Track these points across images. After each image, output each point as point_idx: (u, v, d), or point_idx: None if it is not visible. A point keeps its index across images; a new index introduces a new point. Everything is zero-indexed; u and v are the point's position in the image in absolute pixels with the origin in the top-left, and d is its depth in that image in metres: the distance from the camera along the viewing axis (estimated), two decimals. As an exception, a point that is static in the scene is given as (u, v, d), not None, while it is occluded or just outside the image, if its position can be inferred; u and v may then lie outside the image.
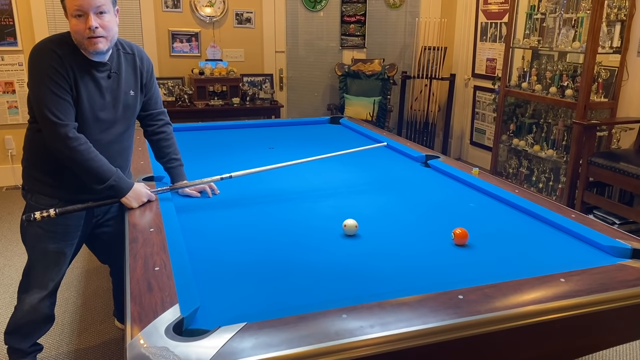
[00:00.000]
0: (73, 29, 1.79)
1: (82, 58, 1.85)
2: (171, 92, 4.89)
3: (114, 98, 1.94)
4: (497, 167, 4.83)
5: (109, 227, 2.18)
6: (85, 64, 1.86)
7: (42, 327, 2.15)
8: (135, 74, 2.03)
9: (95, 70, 1.88)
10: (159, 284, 1.39)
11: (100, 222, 2.15)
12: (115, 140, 1.99)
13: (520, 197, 2.14)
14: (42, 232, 1.97)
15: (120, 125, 1.99)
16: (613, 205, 3.64)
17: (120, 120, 1.98)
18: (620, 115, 3.94)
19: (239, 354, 1.11)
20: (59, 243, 2.00)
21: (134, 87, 2.02)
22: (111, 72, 1.93)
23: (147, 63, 2.08)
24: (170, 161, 2.18)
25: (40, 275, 2.03)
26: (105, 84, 1.91)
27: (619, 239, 1.72)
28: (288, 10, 5.28)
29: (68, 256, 2.07)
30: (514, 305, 1.32)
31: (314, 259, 1.67)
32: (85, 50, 1.83)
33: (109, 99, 1.93)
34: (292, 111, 5.54)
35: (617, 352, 2.49)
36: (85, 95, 1.85)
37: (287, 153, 2.98)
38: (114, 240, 2.18)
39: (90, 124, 1.89)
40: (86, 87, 1.85)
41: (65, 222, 1.97)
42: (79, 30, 1.78)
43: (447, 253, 1.71)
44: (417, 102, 5.61)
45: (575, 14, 3.99)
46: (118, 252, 2.20)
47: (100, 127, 1.92)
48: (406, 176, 2.57)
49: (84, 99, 1.85)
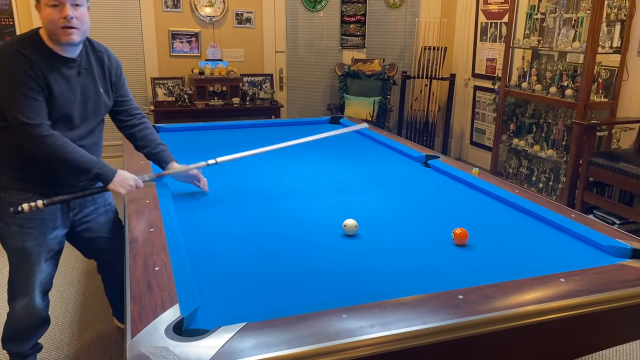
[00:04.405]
0: (47, 19, 1.78)
1: (50, 55, 1.83)
2: (171, 92, 4.89)
3: (84, 94, 1.94)
4: (497, 167, 4.83)
5: (87, 224, 2.14)
6: (54, 61, 1.84)
7: (38, 330, 2.14)
8: (104, 72, 2.03)
9: (65, 66, 1.87)
10: (159, 284, 1.39)
11: (79, 219, 2.11)
12: (85, 136, 1.98)
13: (520, 197, 2.14)
14: (20, 229, 1.93)
15: (91, 121, 1.99)
16: (613, 205, 3.64)
17: (90, 116, 1.98)
18: (620, 115, 3.94)
19: (239, 354, 1.11)
20: (38, 239, 1.97)
21: (104, 84, 2.02)
22: (81, 69, 1.93)
23: (115, 62, 2.10)
24: (157, 146, 2.20)
25: (24, 280, 2.00)
26: (75, 80, 1.91)
27: (619, 239, 1.72)
28: (288, 10, 5.28)
29: (49, 254, 2.03)
30: (514, 305, 1.32)
31: (314, 258, 1.67)
32: (57, 42, 1.82)
33: (79, 95, 1.92)
34: (292, 111, 5.54)
35: (617, 352, 2.49)
36: (56, 92, 1.84)
37: (286, 153, 2.98)
38: (95, 236, 2.17)
39: (62, 120, 1.88)
40: (57, 84, 1.84)
41: (41, 216, 1.94)
42: (54, 20, 1.77)
43: (447, 253, 1.71)
44: (417, 102, 5.61)
45: (575, 14, 3.99)
46: (101, 247, 2.22)
47: (71, 123, 1.92)
48: (406, 176, 2.57)
49: (56, 96, 1.84)
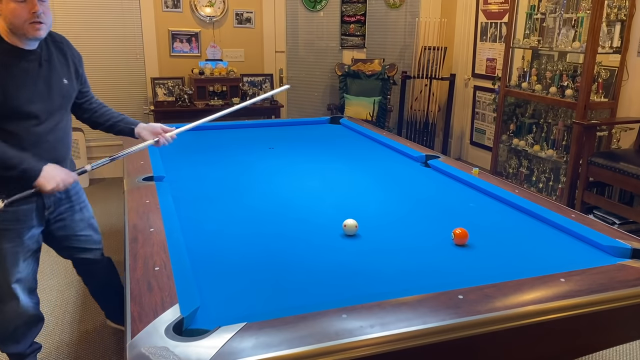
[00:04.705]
0: (13, 14, 1.76)
1: (7, 50, 1.81)
2: (171, 92, 4.89)
3: (48, 86, 1.91)
4: (497, 167, 4.83)
5: (62, 222, 2.13)
6: (12, 55, 1.82)
7: (33, 329, 2.14)
8: (67, 63, 2.01)
9: (24, 60, 1.85)
10: (159, 284, 1.39)
11: (54, 217, 2.09)
12: (53, 130, 1.94)
13: (520, 197, 2.14)
14: None
15: (57, 114, 1.96)
16: (613, 205, 3.64)
17: (56, 109, 1.95)
18: (620, 115, 3.94)
19: (239, 354, 1.11)
20: (15, 241, 1.95)
21: (67, 75, 2.00)
22: (42, 60, 1.90)
23: (76, 52, 2.09)
24: (118, 115, 2.22)
25: (5, 283, 1.99)
26: (37, 72, 1.88)
27: (619, 239, 1.72)
28: (288, 10, 5.28)
29: (27, 254, 2.01)
30: (514, 305, 1.32)
31: (314, 258, 1.67)
32: (22, 37, 1.80)
33: (42, 87, 1.89)
34: (292, 111, 5.54)
35: (617, 352, 2.49)
36: (12, 87, 1.80)
37: (287, 153, 2.98)
38: (70, 234, 2.16)
39: (25, 116, 1.85)
40: (13, 79, 1.81)
41: (16, 217, 1.93)
42: (21, 15, 1.76)
43: (447, 253, 1.71)
44: (417, 102, 5.61)
45: (575, 14, 3.99)
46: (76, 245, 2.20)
47: (37, 119, 1.88)
48: (406, 176, 2.57)
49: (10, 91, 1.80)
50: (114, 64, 4.86)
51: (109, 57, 4.82)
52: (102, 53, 4.77)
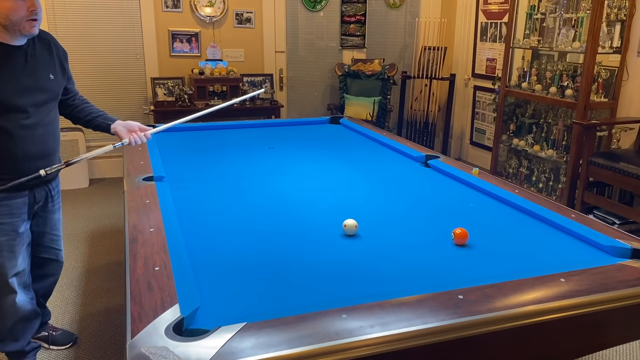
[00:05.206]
0: (12, 10, 1.80)
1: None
2: (171, 92, 4.89)
3: (35, 82, 1.94)
4: (497, 167, 4.83)
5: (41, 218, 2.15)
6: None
7: (31, 324, 2.15)
8: (53, 58, 2.05)
9: (10, 55, 1.88)
10: (159, 284, 1.39)
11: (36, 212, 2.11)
12: (41, 123, 1.98)
13: (520, 197, 2.14)
14: None
15: (44, 108, 1.99)
16: (613, 205, 3.64)
17: (43, 103, 1.99)
18: (620, 115, 3.94)
19: (239, 354, 1.11)
20: (11, 234, 1.97)
21: (53, 70, 2.04)
22: (28, 57, 1.94)
23: (61, 48, 2.12)
24: (98, 112, 2.25)
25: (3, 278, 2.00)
26: (23, 68, 1.91)
27: (619, 239, 1.72)
28: (288, 10, 5.28)
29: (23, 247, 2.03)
30: (513, 305, 1.32)
31: (314, 258, 1.67)
32: (17, 32, 1.85)
33: (29, 83, 1.92)
34: (292, 111, 5.54)
35: (617, 352, 2.49)
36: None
37: (287, 153, 2.98)
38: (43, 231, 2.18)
39: (11, 110, 1.88)
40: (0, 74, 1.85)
41: (10, 211, 1.95)
42: (19, 12, 1.81)
43: (447, 253, 1.71)
44: (417, 102, 5.61)
45: (575, 14, 3.99)
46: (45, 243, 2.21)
47: (25, 111, 1.91)
48: (406, 176, 2.57)
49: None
50: (114, 64, 4.86)
51: (109, 57, 4.81)
52: (102, 53, 4.76)
